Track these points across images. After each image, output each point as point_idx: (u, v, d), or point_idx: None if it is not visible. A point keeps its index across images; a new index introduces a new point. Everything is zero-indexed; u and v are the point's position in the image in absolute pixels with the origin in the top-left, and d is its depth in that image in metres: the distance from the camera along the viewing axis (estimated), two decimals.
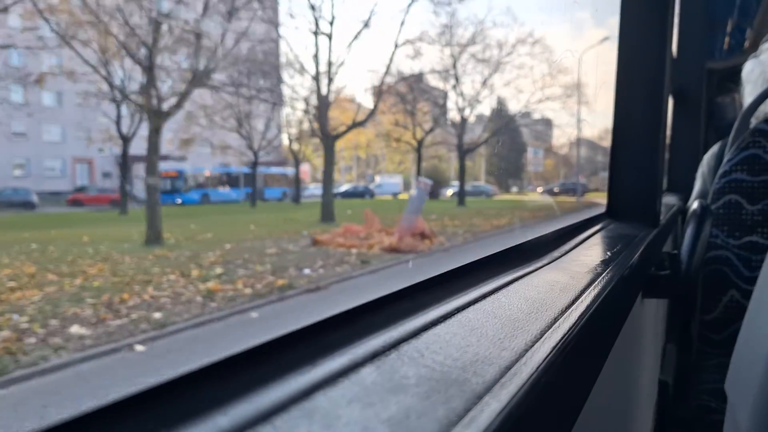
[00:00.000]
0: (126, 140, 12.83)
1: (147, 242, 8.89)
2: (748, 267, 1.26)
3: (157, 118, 9.72)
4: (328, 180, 14.12)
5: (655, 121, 1.13)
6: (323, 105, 14.43)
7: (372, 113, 16.33)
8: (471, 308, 0.44)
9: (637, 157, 1.09)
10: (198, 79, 11.19)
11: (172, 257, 7.80)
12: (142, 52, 10.16)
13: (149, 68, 10.08)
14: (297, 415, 0.25)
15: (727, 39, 2.28)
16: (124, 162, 13.63)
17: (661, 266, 1.04)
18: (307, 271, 7.39)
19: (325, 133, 14.23)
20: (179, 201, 15.90)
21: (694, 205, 1.13)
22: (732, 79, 1.87)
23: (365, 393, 0.28)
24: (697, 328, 1.28)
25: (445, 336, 0.37)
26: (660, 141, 1.12)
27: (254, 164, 16.26)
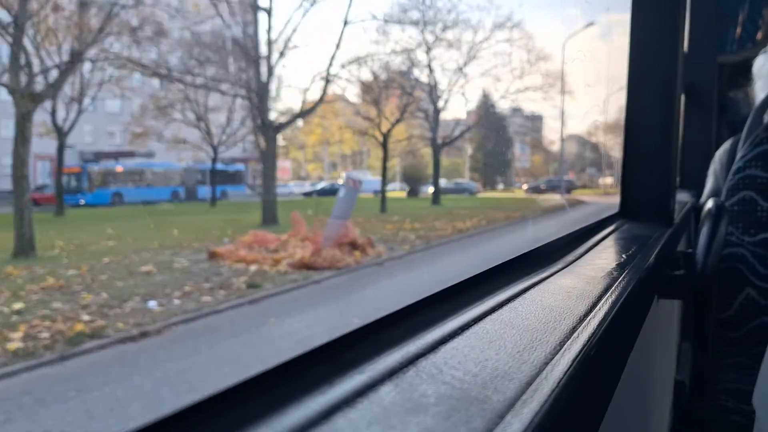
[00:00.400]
0: (61, 133, 11.53)
1: (15, 254, 7.28)
2: (764, 264, 1.24)
3: (29, 101, 7.97)
4: (269, 178, 12.19)
5: (668, 117, 1.11)
6: (262, 92, 12.58)
7: (319, 102, 14.49)
8: (488, 318, 0.43)
9: (650, 155, 1.08)
10: (77, 55, 9.40)
11: (12, 278, 6.26)
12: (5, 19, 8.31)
13: (16, 40, 8.28)
14: None
15: (738, 32, 2.25)
16: (59, 158, 11.98)
17: (676, 266, 1.03)
18: (152, 303, 5.71)
19: (265, 124, 12.37)
20: (82, 201, 13.88)
21: (709, 203, 1.11)
22: (744, 73, 1.85)
23: (385, 414, 0.28)
24: (713, 326, 1.27)
25: (463, 350, 0.37)
26: (673, 138, 1.10)
27: (213, 160, 14.60)
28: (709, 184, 1.60)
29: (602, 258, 0.70)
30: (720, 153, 1.57)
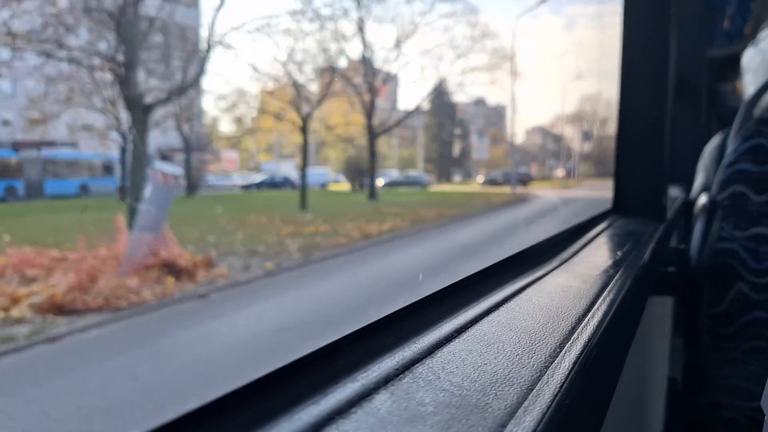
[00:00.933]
0: None
1: None
2: (756, 259, 1.24)
3: None
4: (137, 168, 9.54)
5: (660, 112, 1.11)
6: (130, 61, 10.02)
7: (199, 76, 11.92)
8: (485, 320, 0.42)
9: (643, 150, 1.07)
10: None
11: None
12: None
13: None
14: None
15: (726, 26, 2.26)
16: None
17: (669, 263, 1.02)
18: None
19: (131, 103, 9.84)
20: None
21: (702, 199, 1.11)
22: (732, 67, 1.85)
23: (381, 425, 0.26)
24: (705, 322, 1.27)
25: (460, 354, 0.36)
26: (665, 133, 1.10)
27: (123, 150, 11.52)
28: (699, 179, 1.60)
29: (597, 255, 0.69)
30: (709, 148, 1.57)
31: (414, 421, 0.27)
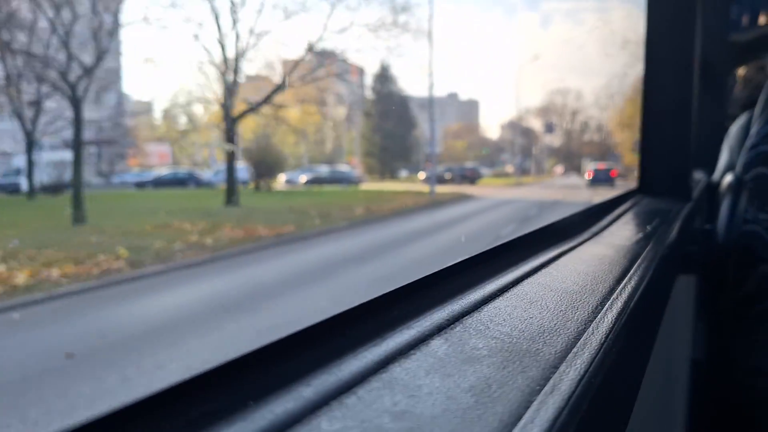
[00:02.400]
0: None
1: None
2: None
3: None
4: None
5: (686, 95, 1.10)
6: None
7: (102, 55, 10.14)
8: (525, 282, 0.43)
9: (668, 132, 1.07)
10: None
11: None
12: None
13: None
14: (377, 385, 0.25)
15: (750, 9, 2.22)
16: None
17: (695, 242, 1.02)
18: None
19: None
20: None
21: (728, 178, 1.10)
22: (758, 50, 1.83)
23: (440, 364, 0.28)
24: (730, 304, 1.26)
25: (506, 309, 0.37)
26: (691, 114, 1.09)
27: (29, 145, 10.29)
28: (723, 159, 1.58)
29: (627, 230, 0.70)
30: (735, 128, 1.55)
31: (470, 361, 0.28)
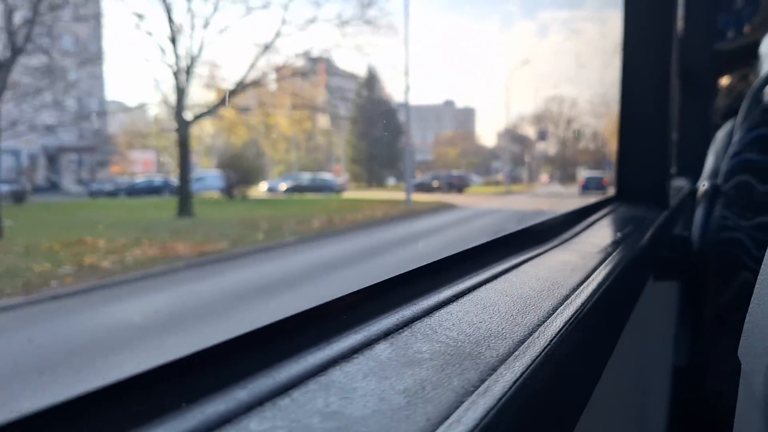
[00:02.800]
0: None
1: None
2: (760, 248, 1.24)
3: None
4: None
5: (662, 103, 1.12)
6: None
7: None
8: (483, 288, 0.44)
9: (645, 140, 1.09)
10: None
11: None
12: None
13: None
14: (314, 388, 0.26)
15: (734, 19, 2.25)
16: None
17: (673, 249, 1.04)
18: None
19: None
20: None
21: (704, 185, 1.12)
22: (740, 60, 1.85)
23: (380, 367, 0.29)
24: (710, 311, 1.28)
25: (457, 314, 0.38)
26: (667, 123, 1.11)
27: None
28: (708, 166, 1.60)
29: (598, 236, 0.71)
30: (720, 135, 1.57)
31: (411, 364, 0.29)
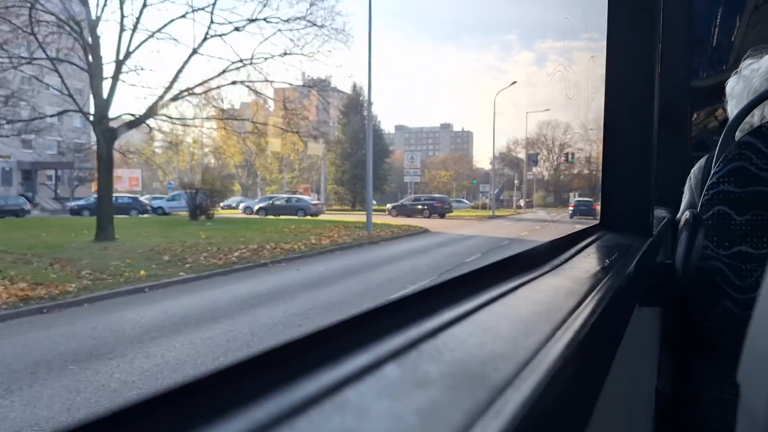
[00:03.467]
0: None
1: None
2: (739, 276, 1.28)
3: None
4: None
5: (646, 136, 1.16)
6: None
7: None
8: (483, 310, 0.44)
9: (629, 171, 1.12)
10: None
11: None
12: None
13: None
14: (329, 408, 0.26)
15: (710, 57, 2.35)
16: None
17: (656, 276, 1.06)
18: None
19: None
20: None
21: (686, 215, 1.15)
22: (716, 96, 1.93)
23: (391, 388, 0.29)
24: (692, 338, 1.30)
25: (461, 336, 0.38)
26: (650, 155, 1.15)
27: None
28: (685, 199, 1.65)
29: (587, 262, 0.73)
30: (695, 170, 1.63)
31: (421, 385, 0.30)
